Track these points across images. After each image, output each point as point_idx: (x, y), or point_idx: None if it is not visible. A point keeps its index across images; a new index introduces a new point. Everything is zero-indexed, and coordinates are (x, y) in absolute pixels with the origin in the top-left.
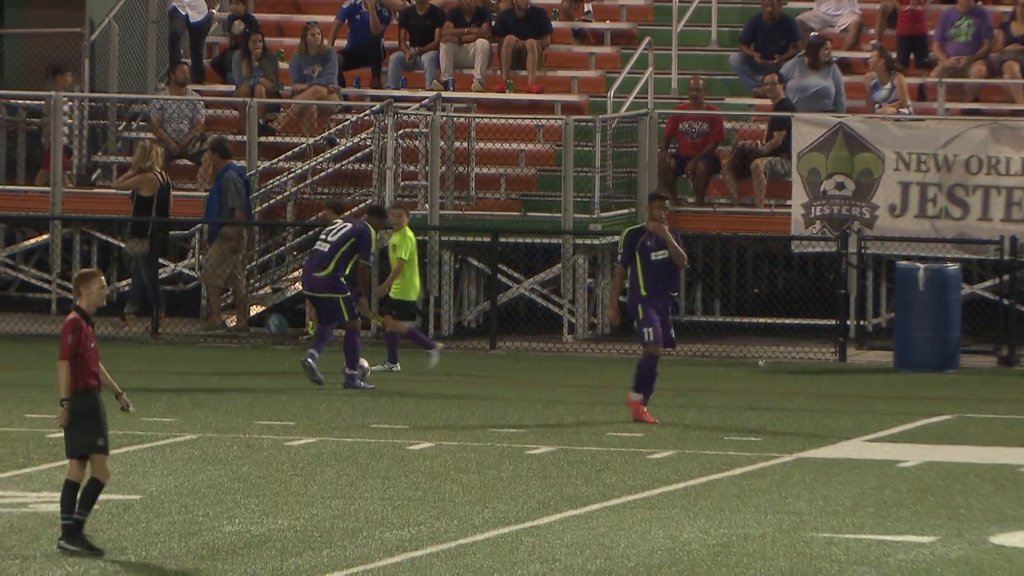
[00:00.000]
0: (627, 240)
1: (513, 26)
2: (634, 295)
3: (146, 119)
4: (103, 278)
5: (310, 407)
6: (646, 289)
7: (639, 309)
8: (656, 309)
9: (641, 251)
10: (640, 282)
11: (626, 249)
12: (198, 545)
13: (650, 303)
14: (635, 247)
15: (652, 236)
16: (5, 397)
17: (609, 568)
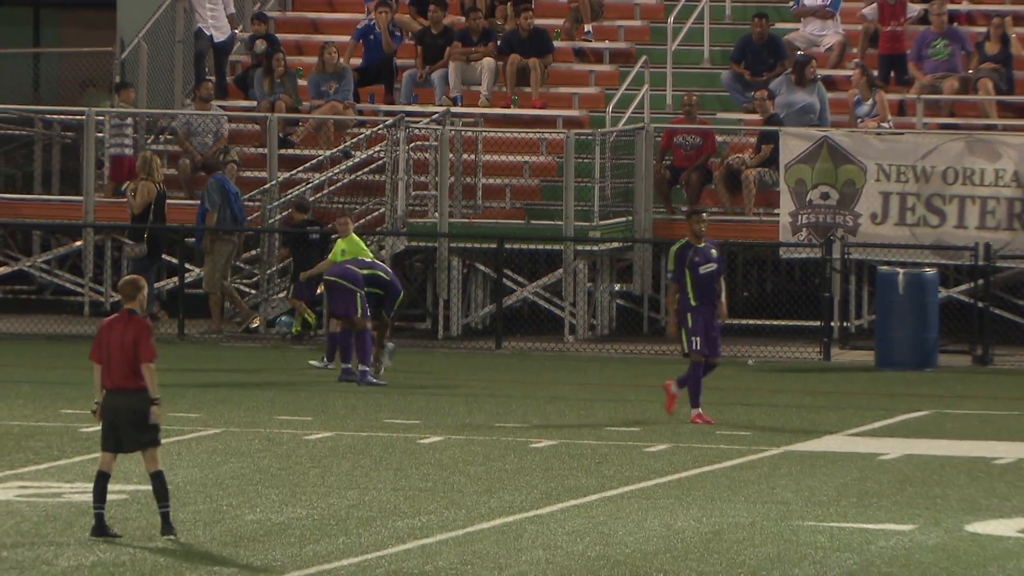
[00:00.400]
0: (677, 257)
1: (518, 45)
2: (683, 306)
3: (173, 133)
4: None
5: (327, 403)
6: (695, 300)
7: (688, 318)
8: (704, 319)
9: (690, 266)
10: (689, 294)
11: (677, 265)
12: (222, 532)
13: (699, 313)
14: (684, 262)
15: (699, 251)
16: (41, 394)
17: (608, 554)
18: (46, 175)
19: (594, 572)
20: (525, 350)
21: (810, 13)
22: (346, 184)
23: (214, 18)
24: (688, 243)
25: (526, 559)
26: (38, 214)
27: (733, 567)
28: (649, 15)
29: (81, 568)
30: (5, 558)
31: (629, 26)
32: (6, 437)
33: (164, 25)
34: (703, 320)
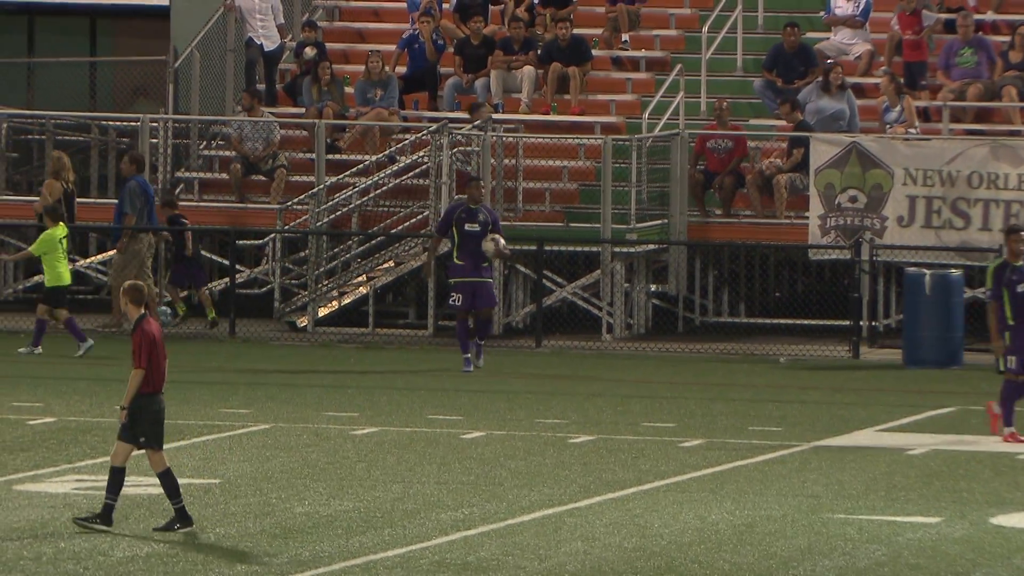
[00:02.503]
0: (994, 275)
1: (557, 54)
2: (1001, 324)
3: (225, 139)
4: None
5: (373, 400)
6: (1013, 318)
7: (1006, 336)
8: (1021, 338)
9: (1007, 285)
10: (1007, 312)
11: (994, 284)
12: (271, 524)
13: (1017, 331)
14: (1002, 281)
15: (1017, 269)
16: (97, 391)
17: (644, 546)
18: (102, 179)
19: (631, 563)
20: (564, 348)
21: (840, 22)
22: (391, 188)
23: (264, 28)
24: (1006, 262)
25: (565, 550)
26: (94, 217)
27: (765, 558)
28: (684, 25)
29: (136, 559)
30: (63, 548)
31: (665, 35)
32: (64, 432)
33: (216, 34)
34: (1020, 339)
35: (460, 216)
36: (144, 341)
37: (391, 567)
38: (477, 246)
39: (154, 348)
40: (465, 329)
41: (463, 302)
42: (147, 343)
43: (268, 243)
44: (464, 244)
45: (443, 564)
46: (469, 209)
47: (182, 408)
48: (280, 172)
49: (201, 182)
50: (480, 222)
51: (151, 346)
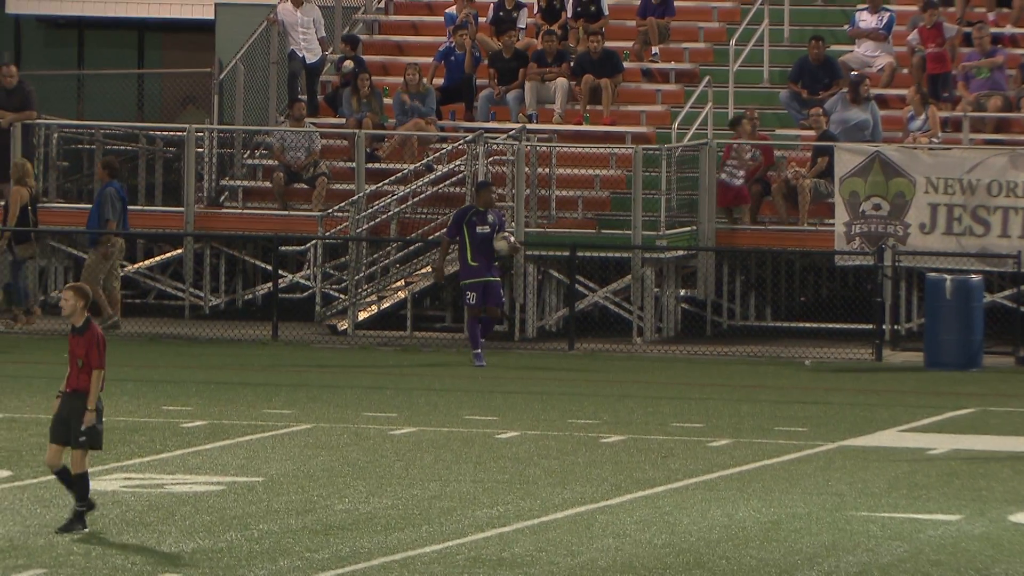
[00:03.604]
0: None
1: (589, 66)
2: None
3: (268, 148)
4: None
5: (411, 401)
6: None
7: None
8: None
9: None
10: None
11: None
12: (313, 521)
13: None
14: None
15: None
16: (144, 391)
17: (673, 542)
18: (149, 187)
19: (661, 559)
20: (596, 351)
21: (864, 35)
22: (428, 196)
23: (306, 40)
24: None
25: (597, 546)
26: (142, 224)
27: (791, 554)
28: (712, 38)
29: (182, 554)
30: (112, 544)
31: (694, 48)
32: (112, 431)
33: (259, 47)
34: None
35: (471, 219)
36: (101, 341)
37: (428, 562)
38: (488, 247)
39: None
40: (476, 325)
41: (476, 300)
42: (103, 343)
43: (310, 249)
44: (476, 246)
45: (478, 560)
46: (479, 212)
47: (227, 409)
48: (321, 180)
49: (245, 190)
50: (489, 224)
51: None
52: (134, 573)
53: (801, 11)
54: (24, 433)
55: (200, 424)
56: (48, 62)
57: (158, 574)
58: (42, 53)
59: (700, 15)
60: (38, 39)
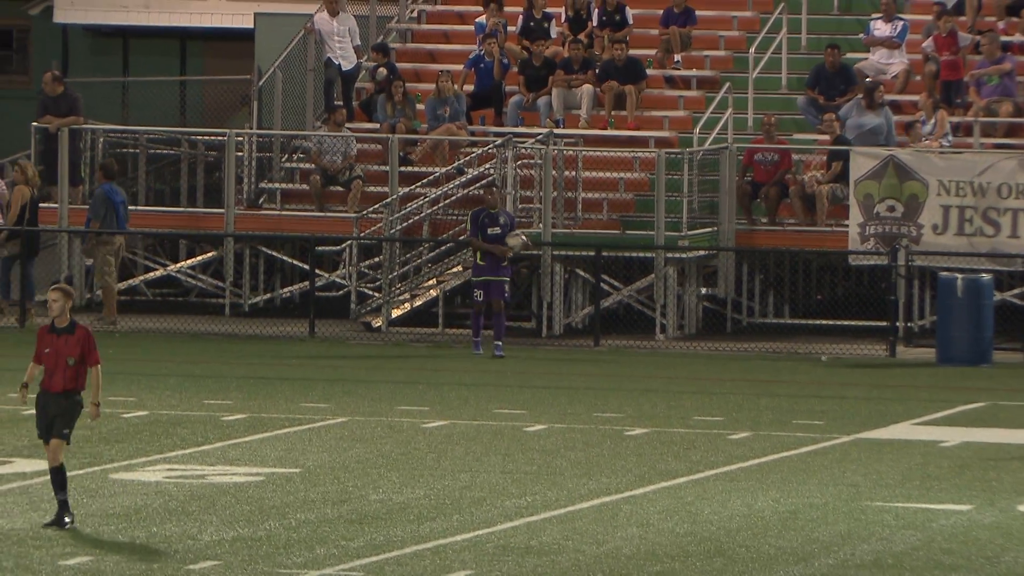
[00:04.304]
0: None
1: (614, 73)
2: None
3: (305, 152)
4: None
5: (442, 395)
6: None
7: None
8: None
9: None
10: None
11: None
12: (348, 511)
13: None
14: None
15: None
16: (187, 386)
17: (695, 531)
18: (191, 190)
19: (683, 547)
20: (620, 347)
21: (878, 43)
22: (459, 198)
23: (342, 48)
24: None
25: (621, 535)
26: (184, 224)
27: (808, 543)
28: (733, 46)
29: (222, 542)
30: (155, 533)
31: (714, 56)
32: (156, 424)
33: (297, 55)
34: None
35: (483, 221)
36: (92, 338)
37: (459, 551)
38: (499, 236)
39: None
40: (479, 318)
41: (483, 297)
42: (94, 339)
43: (345, 249)
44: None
45: (507, 548)
46: (490, 214)
47: (266, 403)
48: (356, 183)
49: (283, 192)
50: (500, 225)
51: None
52: (176, 560)
53: (818, 20)
54: None
55: (240, 417)
56: (94, 69)
57: (200, 561)
58: (88, 61)
59: (721, 24)
60: (84, 47)
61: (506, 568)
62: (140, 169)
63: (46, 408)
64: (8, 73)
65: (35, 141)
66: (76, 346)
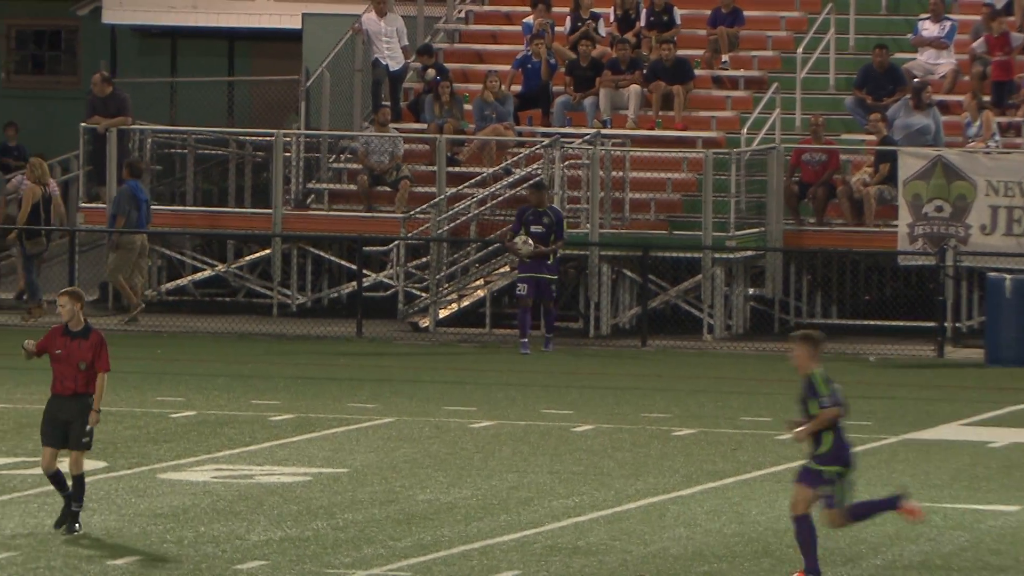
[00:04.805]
0: None
1: (662, 73)
2: None
3: (352, 152)
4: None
5: (490, 395)
6: None
7: None
8: None
9: None
10: None
11: None
12: (396, 511)
13: None
14: None
15: None
16: (234, 386)
17: (742, 531)
18: (239, 190)
19: (730, 548)
20: (668, 348)
21: (926, 43)
22: (507, 198)
23: (390, 49)
24: None
25: (669, 535)
26: (232, 225)
27: (855, 543)
28: (780, 46)
29: (270, 542)
30: (203, 533)
31: (762, 56)
32: (204, 425)
33: (345, 56)
34: None
35: (528, 218)
36: (105, 344)
37: (507, 551)
38: (540, 245)
39: None
40: (526, 316)
41: (527, 291)
42: (106, 345)
43: (392, 249)
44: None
45: (555, 548)
46: (536, 212)
47: (313, 402)
48: (404, 183)
49: (331, 193)
50: (544, 224)
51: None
52: (224, 560)
53: (866, 20)
54: (119, 426)
55: (288, 417)
56: (142, 70)
57: (247, 561)
58: (137, 61)
59: (769, 24)
60: (133, 48)
61: (553, 568)
62: (188, 169)
63: (57, 412)
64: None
65: (83, 142)
66: (89, 351)
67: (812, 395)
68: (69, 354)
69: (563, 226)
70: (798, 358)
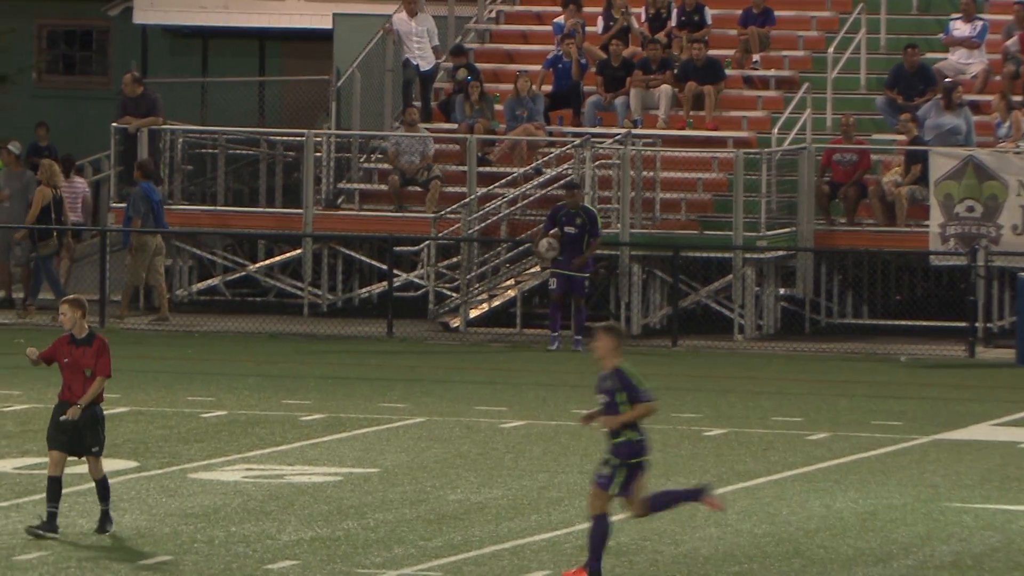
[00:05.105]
0: None
1: (693, 73)
2: None
3: (383, 152)
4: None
5: (520, 395)
6: None
7: None
8: None
9: None
10: None
11: None
12: (426, 511)
13: None
14: None
15: None
16: (265, 386)
17: (773, 532)
18: (270, 190)
19: (761, 548)
20: (698, 348)
21: (957, 43)
22: (537, 198)
23: (420, 49)
24: None
25: (699, 536)
26: (262, 225)
27: (887, 544)
28: (811, 46)
29: (301, 542)
30: (234, 532)
31: (793, 56)
32: (234, 424)
33: (376, 56)
34: None
35: (561, 219)
36: (108, 350)
37: (537, 551)
38: (574, 246)
39: None
40: (557, 311)
41: (558, 286)
42: (109, 352)
43: (423, 249)
44: (563, 244)
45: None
46: (569, 213)
47: (344, 403)
48: (435, 183)
49: (361, 193)
50: (578, 225)
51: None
52: (255, 560)
53: (897, 20)
54: (151, 425)
55: (318, 417)
56: (173, 70)
57: (278, 561)
58: (168, 61)
59: (799, 24)
60: (164, 48)
61: None
62: (219, 169)
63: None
64: (88, 74)
65: (115, 142)
66: (93, 357)
67: (626, 388)
68: (75, 361)
69: (598, 223)
70: (602, 349)
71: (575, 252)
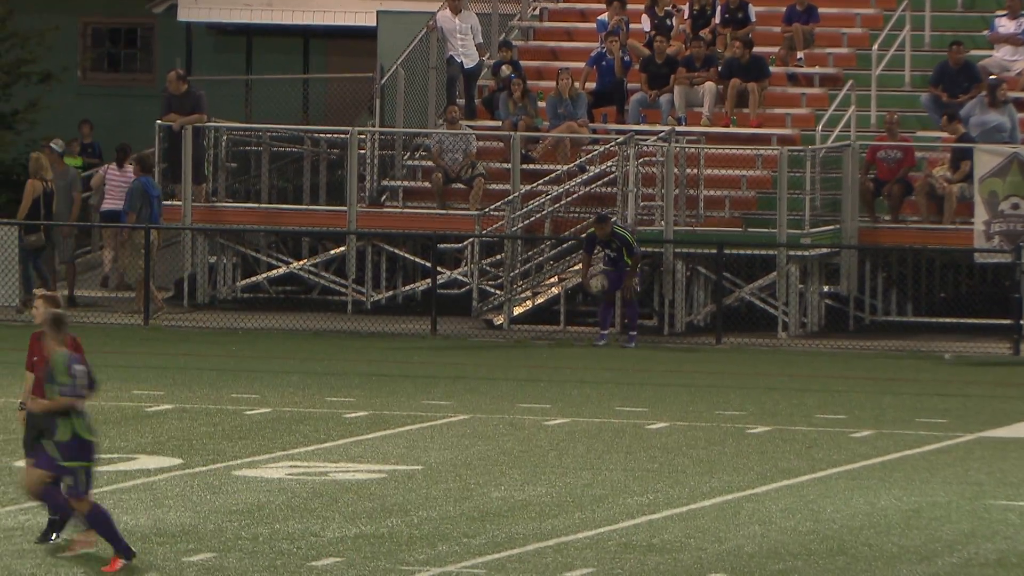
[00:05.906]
0: None
1: (737, 71)
2: None
3: (426, 150)
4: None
5: (564, 392)
6: None
7: None
8: None
9: None
10: None
11: None
12: (470, 508)
13: None
14: None
15: None
16: (309, 383)
17: (817, 529)
18: (314, 187)
19: (805, 545)
20: (742, 345)
21: (1003, 40)
22: (581, 196)
23: (464, 46)
24: None
25: (743, 533)
26: (306, 222)
27: (931, 542)
28: (856, 43)
29: (345, 539)
30: (278, 530)
31: (837, 53)
32: (278, 421)
33: (419, 53)
34: None
35: (598, 245)
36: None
37: (581, 548)
38: (615, 264)
39: None
40: (608, 311)
41: (605, 286)
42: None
43: (467, 247)
44: (605, 260)
45: (629, 546)
46: (603, 241)
47: (388, 400)
48: (478, 181)
49: (405, 190)
50: (614, 248)
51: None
52: (299, 557)
53: (942, 17)
54: (194, 423)
55: (362, 415)
56: (218, 68)
57: (322, 558)
58: (212, 59)
59: (844, 21)
60: (208, 46)
61: (628, 566)
62: (263, 167)
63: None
64: (132, 71)
65: (159, 139)
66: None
67: (50, 380)
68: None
69: (632, 243)
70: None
71: (618, 262)
